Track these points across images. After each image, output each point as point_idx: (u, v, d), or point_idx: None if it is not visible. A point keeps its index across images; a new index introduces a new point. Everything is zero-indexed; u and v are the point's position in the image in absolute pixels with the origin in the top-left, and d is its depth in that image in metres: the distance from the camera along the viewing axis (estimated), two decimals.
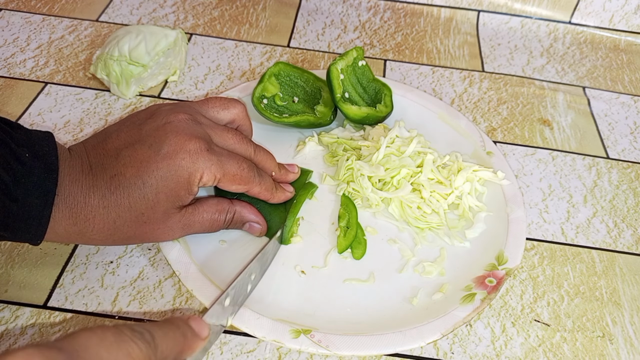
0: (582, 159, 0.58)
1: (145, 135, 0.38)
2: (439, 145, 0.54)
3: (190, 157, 0.37)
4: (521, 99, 0.65)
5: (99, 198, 0.36)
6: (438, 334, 0.38)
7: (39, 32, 0.67)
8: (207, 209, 0.40)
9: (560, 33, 0.77)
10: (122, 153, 0.37)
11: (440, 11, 0.78)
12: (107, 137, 0.39)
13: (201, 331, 0.30)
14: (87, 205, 0.36)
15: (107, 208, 0.36)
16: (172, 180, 0.37)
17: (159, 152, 0.37)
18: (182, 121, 0.39)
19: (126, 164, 0.36)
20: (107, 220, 0.36)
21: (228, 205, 0.42)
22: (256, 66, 0.66)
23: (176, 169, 0.37)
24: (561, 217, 0.52)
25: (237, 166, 0.40)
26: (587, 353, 0.41)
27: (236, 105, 0.44)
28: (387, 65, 0.68)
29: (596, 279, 0.47)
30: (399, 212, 0.47)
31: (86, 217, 0.36)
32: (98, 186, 0.36)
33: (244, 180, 0.40)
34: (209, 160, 0.38)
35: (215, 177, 0.38)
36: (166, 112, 0.39)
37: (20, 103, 0.57)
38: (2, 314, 0.40)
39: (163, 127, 0.38)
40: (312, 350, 0.37)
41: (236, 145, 0.42)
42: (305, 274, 0.43)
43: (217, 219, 0.41)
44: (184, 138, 0.37)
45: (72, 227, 0.36)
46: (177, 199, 0.38)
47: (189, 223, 0.40)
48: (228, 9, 0.75)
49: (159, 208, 0.37)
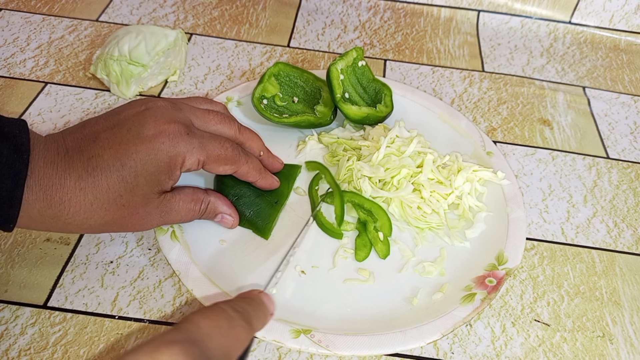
0: (582, 158, 0.58)
1: (124, 119, 0.38)
2: (439, 145, 0.54)
3: (170, 141, 0.37)
4: (521, 99, 0.65)
5: (75, 179, 0.35)
6: (438, 334, 0.38)
7: (39, 32, 0.67)
8: (183, 198, 0.41)
9: (560, 33, 0.77)
10: (100, 136, 0.37)
11: (440, 11, 0.78)
12: (85, 123, 0.38)
13: (271, 308, 0.34)
14: (63, 187, 0.35)
15: (83, 190, 0.35)
16: (151, 164, 0.37)
17: (138, 135, 0.36)
18: (162, 107, 0.39)
19: (104, 146, 0.36)
20: (83, 203, 0.35)
21: (203, 195, 0.42)
22: (256, 66, 0.66)
23: (156, 152, 0.36)
24: (561, 217, 0.52)
25: (219, 146, 0.40)
26: (587, 353, 0.41)
27: (218, 103, 0.45)
28: (387, 65, 0.68)
29: (596, 279, 0.47)
30: (399, 212, 0.47)
31: (61, 199, 0.35)
32: (74, 167, 0.35)
33: (229, 160, 0.40)
34: (190, 143, 0.38)
35: (198, 160, 0.38)
36: (146, 100, 0.40)
37: (20, 103, 0.57)
38: (2, 314, 0.40)
39: (142, 113, 0.38)
40: (312, 350, 0.37)
41: (218, 125, 0.42)
42: (305, 274, 0.43)
43: (192, 208, 0.41)
44: (163, 121, 0.37)
45: (47, 209, 0.35)
46: (157, 184, 0.38)
47: (166, 210, 0.39)
48: (228, 9, 0.75)
49: (138, 191, 0.37)
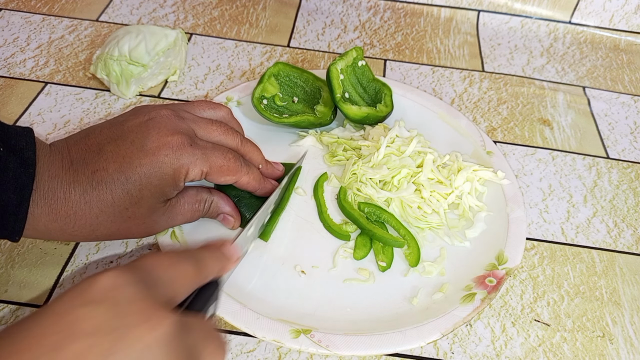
0: (582, 158, 0.58)
1: (128, 131, 0.37)
2: (439, 145, 0.54)
3: (174, 153, 0.37)
4: (521, 99, 0.65)
5: (80, 193, 0.35)
6: (438, 333, 0.38)
7: (39, 32, 0.67)
8: (188, 200, 0.41)
9: (560, 33, 0.77)
10: (104, 148, 0.37)
11: (440, 11, 0.78)
12: (89, 133, 0.38)
13: (234, 254, 0.34)
14: (68, 201, 0.35)
15: (88, 203, 0.35)
16: (156, 177, 0.37)
17: (141, 148, 0.36)
18: (165, 117, 0.39)
19: (108, 159, 0.36)
20: (89, 216, 0.36)
21: (207, 194, 0.42)
22: (256, 66, 0.66)
23: (160, 165, 0.36)
24: (561, 217, 0.52)
25: (222, 157, 0.40)
26: (587, 353, 0.41)
27: (222, 107, 0.45)
28: (387, 65, 0.68)
29: (596, 278, 0.47)
30: (399, 211, 0.47)
31: (67, 213, 0.35)
32: (79, 181, 0.35)
33: (231, 171, 0.40)
34: (193, 154, 0.38)
35: (202, 171, 0.38)
36: (149, 109, 0.39)
37: (20, 103, 0.57)
38: (2, 314, 0.40)
39: (145, 124, 0.38)
40: (312, 350, 0.37)
41: (221, 136, 0.41)
42: (305, 274, 0.43)
43: (197, 209, 0.42)
44: (167, 133, 0.37)
45: (52, 223, 0.35)
46: (162, 194, 0.38)
47: (172, 215, 0.40)
48: (228, 9, 0.75)
49: (144, 203, 0.37)
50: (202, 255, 0.30)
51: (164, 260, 0.27)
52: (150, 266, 0.27)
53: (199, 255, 0.30)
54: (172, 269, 0.27)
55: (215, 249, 0.32)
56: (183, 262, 0.28)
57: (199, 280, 0.29)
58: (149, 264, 0.27)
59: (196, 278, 0.29)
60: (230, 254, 0.33)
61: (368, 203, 0.47)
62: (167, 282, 0.26)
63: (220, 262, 0.32)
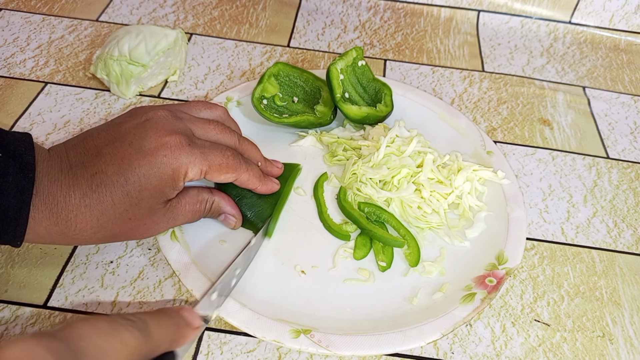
0: (582, 158, 0.58)
1: (125, 132, 0.37)
2: (439, 145, 0.54)
3: (172, 153, 0.37)
4: (521, 99, 0.65)
5: (80, 196, 0.35)
6: (438, 333, 0.38)
7: (39, 32, 0.67)
8: (189, 200, 0.41)
9: (560, 33, 0.77)
10: (102, 151, 0.37)
11: (440, 11, 0.78)
12: (87, 136, 0.38)
13: (193, 321, 0.30)
14: (68, 205, 0.35)
15: (89, 206, 0.35)
16: (155, 178, 0.36)
17: (140, 149, 0.36)
18: (162, 117, 0.39)
19: (107, 162, 0.36)
20: (89, 219, 0.36)
21: (208, 195, 0.42)
22: (256, 66, 0.66)
23: (159, 165, 0.36)
24: (561, 217, 0.52)
25: (221, 155, 0.39)
26: (587, 353, 0.41)
27: (218, 107, 0.45)
28: (387, 65, 0.68)
29: (596, 278, 0.47)
30: (399, 211, 0.47)
31: (67, 216, 0.35)
32: (79, 185, 0.35)
33: (231, 168, 0.40)
34: (192, 154, 0.38)
35: (200, 170, 0.38)
36: (146, 110, 0.39)
37: (20, 103, 0.57)
38: (2, 314, 0.40)
39: (142, 125, 0.38)
40: (312, 350, 0.37)
41: (219, 135, 0.41)
42: (305, 274, 0.43)
43: (198, 209, 0.41)
44: (164, 134, 0.37)
45: (54, 227, 0.35)
46: (162, 195, 0.38)
47: (173, 216, 0.40)
48: (228, 9, 0.75)
49: (144, 205, 0.37)
50: (151, 322, 0.27)
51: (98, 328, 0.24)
52: (77, 335, 0.23)
53: (147, 322, 0.26)
54: (106, 339, 0.24)
55: (170, 315, 0.29)
56: (122, 330, 0.25)
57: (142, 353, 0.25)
58: (77, 333, 0.24)
59: (139, 350, 0.25)
60: (188, 320, 0.30)
61: (368, 203, 0.47)
62: (94, 356, 0.23)
63: (174, 330, 0.29)
